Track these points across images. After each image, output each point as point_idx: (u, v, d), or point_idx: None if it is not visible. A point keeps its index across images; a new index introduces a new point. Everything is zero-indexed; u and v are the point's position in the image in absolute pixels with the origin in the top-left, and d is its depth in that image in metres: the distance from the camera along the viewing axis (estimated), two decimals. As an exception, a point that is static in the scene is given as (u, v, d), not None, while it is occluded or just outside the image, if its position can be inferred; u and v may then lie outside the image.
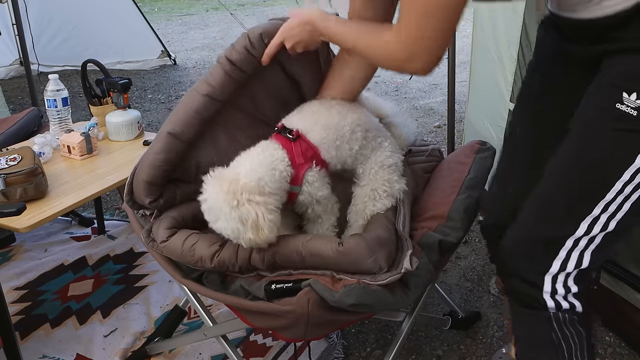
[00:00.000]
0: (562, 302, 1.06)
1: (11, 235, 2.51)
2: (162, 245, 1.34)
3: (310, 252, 1.23)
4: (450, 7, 1.04)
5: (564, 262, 1.08)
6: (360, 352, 1.84)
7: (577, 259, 1.08)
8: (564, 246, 1.08)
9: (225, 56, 1.32)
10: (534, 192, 1.14)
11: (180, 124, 1.31)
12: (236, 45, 1.32)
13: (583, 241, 1.08)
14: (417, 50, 1.10)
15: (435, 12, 1.05)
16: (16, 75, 5.56)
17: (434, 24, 1.06)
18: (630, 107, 0.98)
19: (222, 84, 1.31)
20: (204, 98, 1.31)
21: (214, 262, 1.27)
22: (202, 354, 1.84)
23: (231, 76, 1.32)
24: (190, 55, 6.86)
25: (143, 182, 1.33)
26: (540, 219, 1.12)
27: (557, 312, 1.06)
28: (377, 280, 1.17)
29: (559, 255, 1.08)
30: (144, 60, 6.00)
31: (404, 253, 1.23)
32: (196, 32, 8.54)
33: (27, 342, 1.92)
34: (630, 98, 0.98)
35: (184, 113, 1.32)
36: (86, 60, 2.37)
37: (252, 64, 1.33)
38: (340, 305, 1.16)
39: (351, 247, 1.20)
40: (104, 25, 5.54)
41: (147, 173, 1.32)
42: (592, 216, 1.06)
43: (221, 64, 1.31)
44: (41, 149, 2.03)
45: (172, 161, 1.33)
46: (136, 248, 2.48)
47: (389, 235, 1.28)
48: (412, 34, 1.08)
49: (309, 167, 1.33)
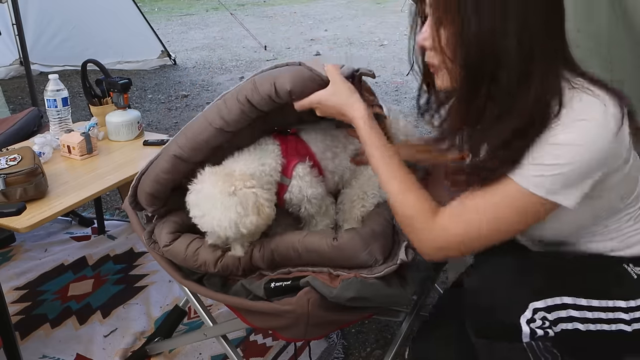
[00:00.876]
0: (538, 330, 1.03)
1: (11, 235, 2.51)
2: (164, 249, 1.34)
3: (306, 248, 1.24)
4: (515, 231, 1.05)
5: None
6: (360, 352, 1.85)
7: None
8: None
9: (246, 97, 1.24)
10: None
11: (189, 149, 1.28)
12: (260, 89, 1.23)
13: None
14: (448, 246, 1.07)
15: (495, 233, 1.04)
16: (16, 75, 5.56)
17: (485, 239, 1.05)
18: None
19: (237, 121, 1.26)
20: (215, 130, 1.27)
21: (218, 266, 1.28)
22: (202, 354, 1.84)
23: (248, 115, 1.26)
24: (190, 55, 6.86)
25: (146, 194, 1.34)
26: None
27: (530, 342, 1.04)
28: (373, 273, 1.19)
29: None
30: (144, 60, 6.00)
31: (400, 245, 1.24)
32: (196, 32, 8.54)
33: (27, 342, 1.92)
34: None
35: (193, 141, 1.28)
36: (86, 60, 2.37)
37: (272, 107, 1.26)
38: (339, 300, 1.16)
39: (345, 242, 1.22)
40: (104, 25, 5.54)
41: (150, 187, 1.33)
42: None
43: (240, 102, 1.24)
44: (41, 149, 2.03)
45: (176, 180, 1.33)
46: (136, 248, 2.48)
47: (383, 229, 1.29)
48: (458, 233, 1.06)
49: (301, 161, 1.34)
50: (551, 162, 0.97)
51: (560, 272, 1.10)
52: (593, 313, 1.05)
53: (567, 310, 1.04)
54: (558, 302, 1.04)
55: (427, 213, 1.09)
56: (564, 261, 1.14)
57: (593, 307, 1.05)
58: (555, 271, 1.10)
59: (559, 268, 1.11)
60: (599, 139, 0.96)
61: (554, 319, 1.04)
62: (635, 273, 1.10)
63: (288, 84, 1.21)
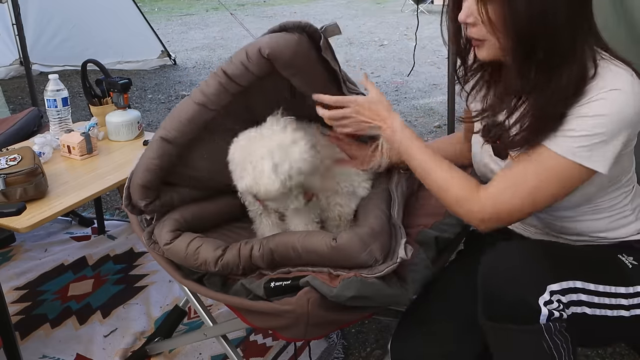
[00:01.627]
0: (555, 312, 1.05)
1: (11, 235, 2.51)
2: (165, 247, 1.34)
3: (306, 248, 1.24)
4: (554, 198, 1.12)
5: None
6: (360, 352, 1.85)
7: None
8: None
9: (222, 68, 1.26)
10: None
11: (173, 130, 1.29)
12: (234, 58, 1.25)
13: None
14: (497, 215, 1.14)
15: (539, 200, 1.11)
16: (16, 75, 5.57)
17: (529, 207, 1.12)
18: None
19: (216, 95, 1.27)
20: (197, 107, 1.27)
21: (218, 265, 1.28)
22: (202, 354, 1.84)
23: (226, 88, 1.27)
24: (190, 55, 6.86)
25: (138, 185, 1.33)
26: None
27: (547, 323, 1.05)
28: (374, 273, 1.18)
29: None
30: (144, 60, 6.01)
31: (398, 242, 1.24)
32: (196, 32, 8.54)
33: (27, 342, 1.92)
34: None
35: (177, 120, 1.29)
36: (86, 60, 2.37)
37: (248, 78, 1.27)
38: (340, 299, 1.16)
39: (344, 242, 1.21)
40: (104, 25, 5.54)
41: (141, 177, 1.33)
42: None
43: (217, 75, 1.27)
44: (41, 149, 2.02)
45: (165, 165, 1.33)
46: (136, 248, 2.48)
47: (381, 225, 1.28)
48: (504, 201, 1.12)
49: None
50: (589, 132, 1.05)
51: (568, 257, 1.14)
52: (600, 298, 1.08)
53: (577, 294, 1.07)
54: (571, 285, 1.06)
55: (474, 188, 1.17)
56: (566, 248, 1.17)
57: (599, 292, 1.08)
58: (563, 256, 1.13)
59: (565, 254, 1.15)
60: (629, 108, 1.04)
61: (567, 301, 1.06)
62: (629, 262, 1.16)
63: (257, 44, 1.21)
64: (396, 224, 1.31)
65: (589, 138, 1.05)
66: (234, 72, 1.25)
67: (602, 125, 1.04)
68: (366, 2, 11.67)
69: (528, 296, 1.04)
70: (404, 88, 5.13)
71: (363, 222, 1.32)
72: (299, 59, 1.27)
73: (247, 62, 1.23)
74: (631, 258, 1.17)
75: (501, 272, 1.08)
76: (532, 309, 1.04)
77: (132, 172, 1.36)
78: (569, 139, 1.07)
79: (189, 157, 1.39)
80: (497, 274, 1.08)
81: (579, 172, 1.08)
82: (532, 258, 1.08)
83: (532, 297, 1.04)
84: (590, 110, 1.05)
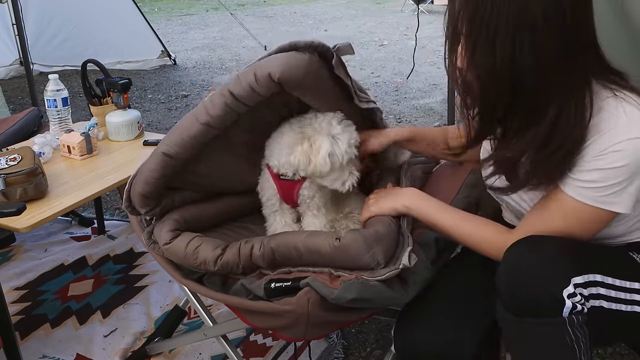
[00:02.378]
0: (578, 305, 1.05)
1: (11, 235, 2.51)
2: (164, 247, 1.34)
3: (308, 248, 1.24)
4: (586, 238, 1.14)
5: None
6: (360, 352, 1.85)
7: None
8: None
9: (229, 89, 1.23)
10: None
11: (175, 146, 1.28)
12: (242, 79, 1.22)
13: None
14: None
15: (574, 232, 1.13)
16: (16, 75, 5.57)
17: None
18: None
19: (222, 116, 1.25)
20: (202, 126, 1.26)
21: (218, 265, 1.28)
22: (202, 354, 1.84)
23: (232, 109, 1.25)
24: (190, 55, 6.87)
25: (138, 194, 1.33)
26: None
27: (570, 316, 1.05)
28: (375, 276, 1.18)
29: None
30: (144, 60, 6.01)
31: (404, 249, 1.23)
32: (196, 32, 8.54)
33: (27, 342, 1.92)
34: None
35: (179, 137, 1.28)
36: (86, 60, 2.37)
37: (255, 99, 1.24)
38: (340, 301, 1.16)
39: (348, 242, 1.21)
40: (104, 25, 5.55)
41: (142, 187, 1.32)
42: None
43: (224, 96, 1.23)
44: (41, 149, 2.03)
45: (166, 178, 1.32)
46: (136, 248, 2.48)
47: (387, 230, 1.28)
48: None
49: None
50: (610, 182, 1.06)
51: (586, 250, 1.14)
52: (617, 292, 1.08)
53: (597, 287, 1.07)
54: (592, 278, 1.06)
55: (504, 233, 1.21)
56: (581, 243, 1.16)
57: (617, 287, 1.09)
58: (582, 249, 1.13)
59: (583, 247, 1.14)
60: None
61: (588, 294, 1.06)
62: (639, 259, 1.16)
63: (267, 68, 1.18)
64: (405, 232, 1.31)
65: (610, 187, 1.06)
66: (241, 93, 1.22)
67: (623, 174, 1.04)
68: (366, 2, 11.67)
69: (553, 288, 1.04)
70: (404, 88, 5.13)
71: (369, 225, 1.32)
72: (309, 79, 1.24)
73: (256, 84, 1.20)
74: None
75: (524, 266, 1.07)
76: (556, 302, 1.03)
77: (133, 177, 1.36)
78: (591, 190, 1.08)
79: (192, 167, 1.38)
80: (520, 268, 1.08)
81: (604, 215, 1.10)
82: (555, 252, 1.08)
83: (556, 290, 1.03)
84: (609, 162, 1.04)
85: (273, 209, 1.47)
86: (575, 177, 1.09)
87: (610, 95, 1.06)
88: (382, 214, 1.34)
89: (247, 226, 1.53)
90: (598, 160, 1.05)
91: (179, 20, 9.84)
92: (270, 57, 1.25)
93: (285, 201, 1.45)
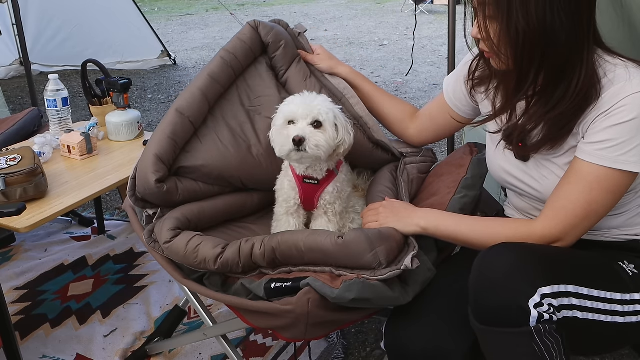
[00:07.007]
0: (545, 314, 1.05)
1: (11, 235, 2.50)
2: (165, 246, 1.34)
3: (310, 247, 1.24)
4: (606, 209, 1.15)
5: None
6: (360, 352, 1.85)
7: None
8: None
9: (224, 48, 1.56)
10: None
11: (186, 102, 1.45)
12: (232, 38, 1.57)
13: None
14: (559, 237, 1.17)
15: (594, 214, 1.15)
16: (16, 75, 5.57)
17: (587, 222, 1.16)
18: None
19: (220, 67, 1.52)
20: (207, 78, 1.49)
21: (218, 263, 1.28)
22: (202, 354, 1.84)
23: (225, 60, 1.53)
24: (190, 55, 6.87)
25: (153, 156, 1.37)
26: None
27: (537, 325, 1.05)
28: (376, 276, 1.18)
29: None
30: (144, 60, 6.01)
31: (408, 253, 1.23)
32: (196, 32, 8.55)
33: (27, 342, 1.92)
34: None
35: (189, 92, 1.48)
36: (86, 60, 2.37)
37: (243, 50, 1.56)
38: (341, 301, 1.16)
39: (351, 240, 1.21)
40: (104, 25, 5.55)
41: (156, 147, 1.38)
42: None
43: (219, 53, 1.55)
44: (41, 149, 2.03)
45: (178, 136, 1.42)
46: (136, 248, 2.48)
47: (391, 231, 1.28)
48: (560, 225, 1.16)
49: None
50: (623, 138, 1.09)
51: (561, 261, 1.14)
52: (592, 303, 1.09)
53: (569, 298, 1.07)
54: (563, 289, 1.07)
55: (526, 224, 1.22)
56: (561, 252, 1.17)
57: (593, 297, 1.09)
58: (556, 260, 1.14)
59: (559, 258, 1.15)
60: None
61: (558, 305, 1.06)
62: (630, 270, 1.17)
63: (253, 22, 1.57)
64: (411, 239, 1.30)
65: (625, 144, 1.09)
66: (231, 45, 1.56)
67: (634, 129, 1.08)
68: (366, 2, 11.68)
69: (518, 298, 1.04)
70: (404, 88, 5.13)
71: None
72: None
73: (241, 34, 1.57)
74: (632, 266, 1.18)
75: (491, 275, 1.07)
76: (522, 311, 1.03)
77: (139, 162, 1.39)
78: (606, 150, 1.11)
79: (203, 139, 1.48)
80: (487, 277, 1.08)
81: (625, 178, 1.12)
82: (524, 261, 1.08)
83: (522, 299, 1.03)
84: (617, 119, 1.09)
85: (289, 211, 1.44)
86: (589, 141, 1.12)
87: (615, 61, 1.13)
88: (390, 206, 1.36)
89: (247, 226, 1.53)
90: (607, 119, 1.10)
91: (179, 20, 9.84)
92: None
93: (304, 205, 1.44)
